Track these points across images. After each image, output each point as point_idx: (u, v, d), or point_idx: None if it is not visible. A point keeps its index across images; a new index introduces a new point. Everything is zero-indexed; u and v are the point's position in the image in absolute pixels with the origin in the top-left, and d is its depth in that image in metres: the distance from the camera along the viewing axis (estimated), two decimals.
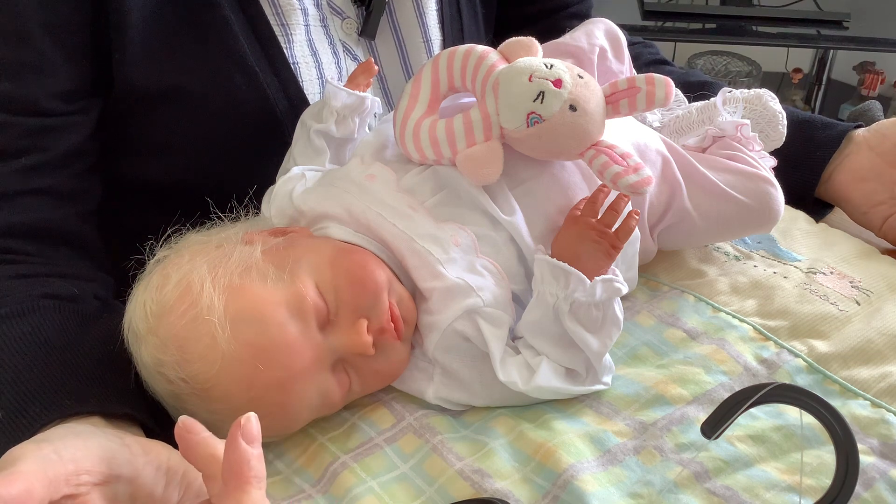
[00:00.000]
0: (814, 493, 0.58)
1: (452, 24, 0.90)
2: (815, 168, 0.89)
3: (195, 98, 0.75)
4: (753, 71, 2.55)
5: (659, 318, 0.73)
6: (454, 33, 0.91)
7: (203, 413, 0.59)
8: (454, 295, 0.62)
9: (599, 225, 0.64)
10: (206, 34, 0.74)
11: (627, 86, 0.63)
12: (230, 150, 0.78)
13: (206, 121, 0.76)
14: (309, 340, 0.59)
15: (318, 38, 0.81)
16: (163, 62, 0.73)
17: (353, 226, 0.66)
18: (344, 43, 0.83)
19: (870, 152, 0.88)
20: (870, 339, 0.71)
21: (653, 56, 1.05)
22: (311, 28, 0.80)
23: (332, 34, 0.82)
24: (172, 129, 0.77)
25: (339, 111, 0.74)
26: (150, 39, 0.72)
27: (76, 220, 0.72)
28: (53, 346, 0.61)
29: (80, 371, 0.60)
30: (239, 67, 0.75)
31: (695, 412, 0.64)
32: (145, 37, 0.71)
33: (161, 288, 0.59)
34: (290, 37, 0.78)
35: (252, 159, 0.76)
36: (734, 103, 0.80)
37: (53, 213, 0.70)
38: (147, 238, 0.64)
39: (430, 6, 0.88)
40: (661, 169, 0.73)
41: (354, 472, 0.60)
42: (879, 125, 0.89)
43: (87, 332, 0.63)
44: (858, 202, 0.88)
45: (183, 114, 0.76)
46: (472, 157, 0.63)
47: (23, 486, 0.44)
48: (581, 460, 0.59)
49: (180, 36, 0.73)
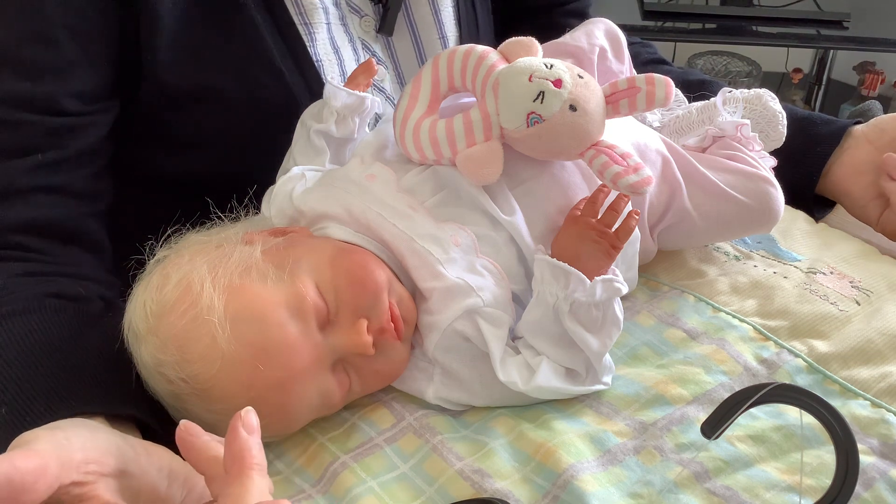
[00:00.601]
0: (814, 493, 0.58)
1: (468, 20, 0.92)
2: (817, 163, 0.90)
3: (223, 97, 0.77)
4: (753, 71, 2.55)
5: (659, 318, 0.73)
6: (470, 29, 0.92)
7: (203, 413, 0.59)
8: (454, 295, 0.62)
9: (599, 225, 0.64)
10: (233, 35, 0.76)
11: (627, 86, 0.63)
12: (255, 147, 0.79)
13: (233, 119, 0.78)
14: (309, 340, 0.59)
15: (338, 35, 0.82)
16: (193, 63, 0.75)
17: (353, 226, 0.66)
18: (363, 40, 0.85)
19: (868, 146, 0.88)
20: (870, 339, 0.71)
21: (651, 55, 1.05)
22: (332, 26, 0.82)
23: (351, 32, 0.83)
24: (201, 127, 0.79)
25: (339, 111, 0.74)
26: (180, 41, 0.73)
27: (87, 220, 0.73)
28: (56, 345, 0.61)
29: (84, 372, 0.60)
30: (266, 67, 0.77)
31: (695, 412, 0.64)
32: (176, 38, 0.73)
33: (161, 288, 0.59)
34: (313, 35, 0.80)
35: (277, 157, 0.77)
36: (734, 103, 0.80)
37: (65, 211, 0.71)
38: (159, 234, 0.64)
39: (445, 3, 0.89)
40: (661, 169, 0.73)
41: (354, 472, 0.60)
42: (878, 120, 0.89)
43: (91, 332, 0.63)
44: (857, 196, 0.89)
45: (211, 112, 0.78)
46: (472, 157, 0.63)
47: (38, 461, 0.45)
48: (581, 460, 0.59)
49: (209, 37, 0.75)
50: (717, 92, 0.80)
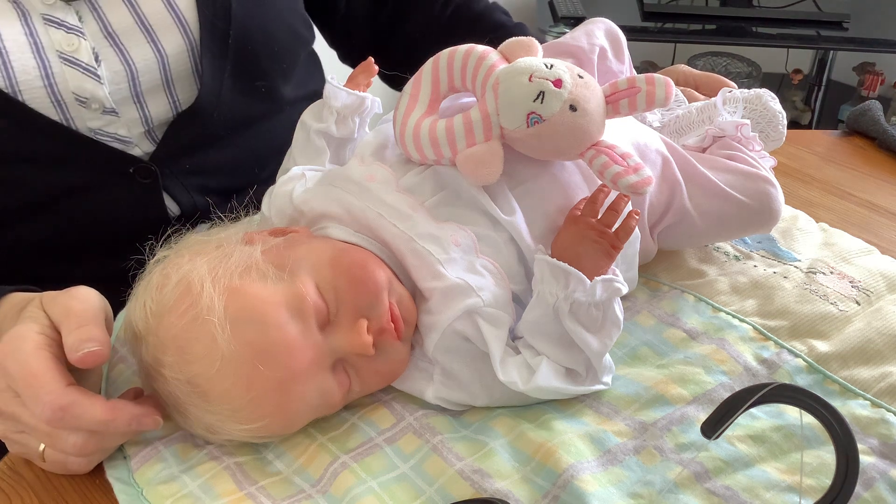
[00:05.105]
0: (814, 493, 0.58)
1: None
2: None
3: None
4: (753, 72, 2.55)
5: (659, 318, 0.73)
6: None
7: (203, 413, 0.59)
8: (454, 295, 0.62)
9: (599, 225, 0.64)
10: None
11: (627, 86, 0.63)
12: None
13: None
14: (309, 340, 0.59)
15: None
16: None
17: (353, 226, 0.66)
18: (45, 15, 0.74)
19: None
20: (870, 339, 0.71)
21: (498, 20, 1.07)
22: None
23: (24, 7, 0.74)
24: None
25: (339, 111, 0.74)
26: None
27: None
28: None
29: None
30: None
31: (695, 412, 0.64)
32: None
33: (161, 288, 0.60)
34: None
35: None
36: (734, 103, 0.80)
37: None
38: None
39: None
40: (661, 169, 0.73)
41: (354, 472, 0.60)
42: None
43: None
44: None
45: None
46: (472, 157, 0.63)
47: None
48: (581, 460, 0.59)
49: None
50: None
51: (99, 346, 0.59)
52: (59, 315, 0.61)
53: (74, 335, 0.59)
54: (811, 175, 1.02)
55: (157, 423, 0.61)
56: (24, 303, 0.64)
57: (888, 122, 1.09)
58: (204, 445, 0.64)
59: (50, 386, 0.57)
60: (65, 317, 0.61)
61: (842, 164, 1.05)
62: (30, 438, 0.60)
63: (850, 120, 1.13)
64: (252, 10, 0.85)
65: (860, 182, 1.00)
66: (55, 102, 0.75)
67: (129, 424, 0.59)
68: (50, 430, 0.58)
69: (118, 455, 0.64)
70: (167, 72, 0.80)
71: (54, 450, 0.60)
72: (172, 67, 0.80)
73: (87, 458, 0.61)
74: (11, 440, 0.62)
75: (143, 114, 0.81)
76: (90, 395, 0.59)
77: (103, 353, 0.59)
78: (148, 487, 0.61)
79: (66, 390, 0.57)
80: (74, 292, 0.63)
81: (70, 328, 0.60)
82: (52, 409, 0.57)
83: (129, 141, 0.81)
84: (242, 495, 0.60)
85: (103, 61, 0.77)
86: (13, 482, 0.63)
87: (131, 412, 0.59)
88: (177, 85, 0.82)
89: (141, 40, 0.78)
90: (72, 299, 0.62)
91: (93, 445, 0.60)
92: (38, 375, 0.58)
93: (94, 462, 0.62)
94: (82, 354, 0.59)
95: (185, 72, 0.81)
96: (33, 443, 0.60)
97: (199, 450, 0.63)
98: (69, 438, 0.59)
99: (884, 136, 1.08)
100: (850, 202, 0.96)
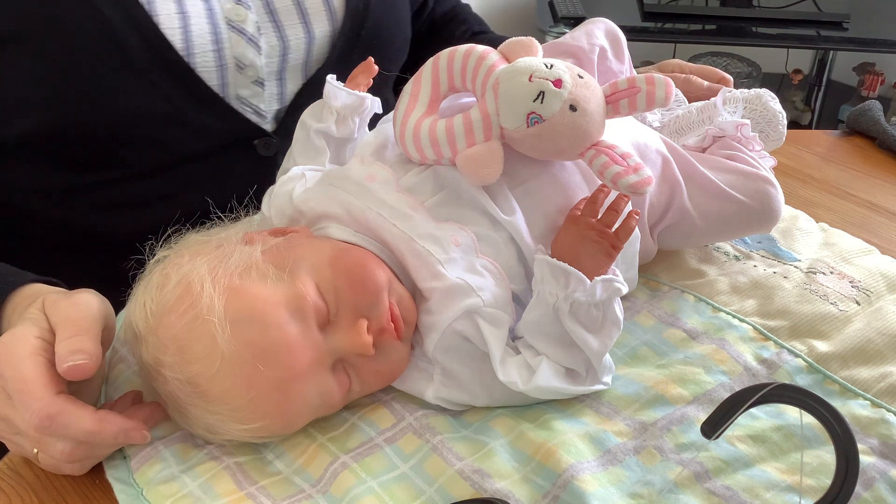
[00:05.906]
0: (814, 493, 0.58)
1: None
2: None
3: (33, 42, 0.74)
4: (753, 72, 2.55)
5: (659, 318, 0.73)
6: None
7: (203, 413, 0.59)
8: (454, 295, 0.62)
9: (599, 225, 0.64)
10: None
11: (627, 86, 0.63)
12: (81, 91, 0.76)
13: (49, 65, 0.75)
14: (309, 341, 0.59)
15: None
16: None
17: (353, 226, 0.66)
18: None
19: None
20: (870, 339, 0.71)
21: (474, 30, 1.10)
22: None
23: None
24: (15, 80, 0.76)
25: (339, 111, 0.74)
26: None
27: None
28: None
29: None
30: (79, 4, 0.73)
31: (695, 412, 0.64)
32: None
33: (161, 288, 0.59)
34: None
35: (107, 99, 0.76)
36: (734, 103, 0.80)
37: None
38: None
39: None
40: (661, 169, 0.73)
41: (354, 472, 0.60)
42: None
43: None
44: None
45: (22, 61, 0.74)
46: (472, 157, 0.63)
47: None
48: (581, 460, 0.59)
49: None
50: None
51: (87, 359, 0.58)
52: (57, 321, 0.61)
53: (65, 345, 0.59)
54: (811, 175, 1.02)
55: (144, 437, 0.61)
56: (34, 299, 0.64)
57: (888, 122, 1.10)
58: (204, 445, 0.64)
59: (39, 393, 0.57)
60: (62, 323, 0.60)
61: (842, 164, 1.05)
62: (24, 440, 0.60)
63: (850, 120, 1.13)
64: (386, 9, 0.93)
65: (860, 182, 1.00)
66: (219, 66, 0.81)
67: (115, 437, 0.59)
68: (39, 436, 0.58)
69: (118, 455, 0.64)
70: (310, 54, 0.87)
71: (45, 454, 0.60)
72: (315, 50, 0.87)
73: (80, 463, 0.61)
74: (8, 441, 0.62)
75: (280, 90, 0.87)
76: (79, 406, 0.58)
77: (89, 367, 0.58)
78: (148, 487, 0.60)
79: (54, 399, 0.57)
80: (76, 298, 0.63)
81: (63, 336, 0.59)
82: (39, 417, 0.56)
83: (265, 114, 0.87)
84: (242, 495, 0.60)
85: (263, 35, 0.83)
86: (13, 482, 0.63)
87: (119, 425, 0.59)
88: (312, 67, 0.88)
89: (296, 20, 0.85)
90: (72, 306, 0.62)
91: (81, 453, 0.60)
92: (28, 381, 0.57)
93: (88, 466, 0.62)
94: (67, 367, 0.58)
95: (322, 56, 0.88)
96: (28, 445, 0.60)
97: (199, 450, 0.63)
98: (57, 445, 0.59)
99: (884, 136, 1.08)
100: (850, 202, 0.96)
